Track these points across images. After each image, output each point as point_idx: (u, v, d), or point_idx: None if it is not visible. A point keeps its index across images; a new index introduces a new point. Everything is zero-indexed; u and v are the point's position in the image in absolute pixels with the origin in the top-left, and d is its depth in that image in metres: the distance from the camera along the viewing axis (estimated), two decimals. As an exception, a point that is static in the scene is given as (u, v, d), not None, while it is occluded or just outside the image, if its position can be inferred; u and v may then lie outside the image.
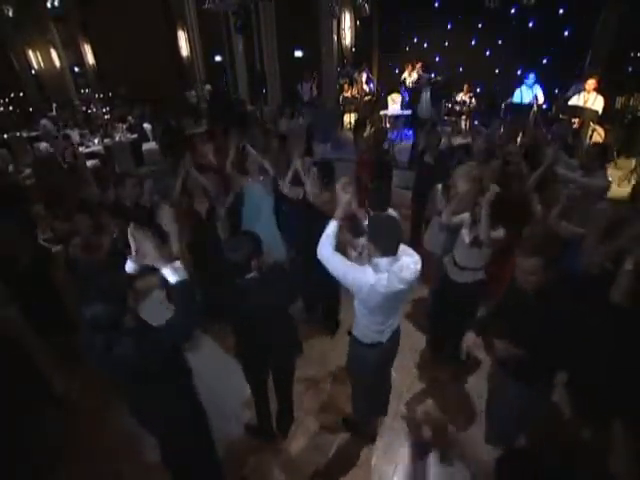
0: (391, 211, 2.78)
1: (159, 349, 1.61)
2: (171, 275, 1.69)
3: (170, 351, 1.69)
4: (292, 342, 2.44)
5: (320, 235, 2.00)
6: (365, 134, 5.14)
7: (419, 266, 1.95)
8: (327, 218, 2.05)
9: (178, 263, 1.72)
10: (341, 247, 2.13)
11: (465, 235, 2.62)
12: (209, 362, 2.59)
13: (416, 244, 4.58)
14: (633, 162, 5.79)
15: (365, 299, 1.94)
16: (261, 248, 2.02)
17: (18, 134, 8.17)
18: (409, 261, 1.92)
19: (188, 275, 1.72)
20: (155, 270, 1.77)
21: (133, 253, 1.86)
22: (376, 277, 1.83)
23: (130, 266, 1.86)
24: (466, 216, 2.67)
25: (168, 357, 1.69)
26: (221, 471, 2.22)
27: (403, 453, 2.53)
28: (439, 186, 3.42)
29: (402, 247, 1.95)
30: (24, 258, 2.94)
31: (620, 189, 5.40)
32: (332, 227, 1.98)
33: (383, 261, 1.85)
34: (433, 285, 3.38)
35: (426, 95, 7.46)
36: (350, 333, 2.23)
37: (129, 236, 1.86)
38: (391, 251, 1.86)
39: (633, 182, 5.41)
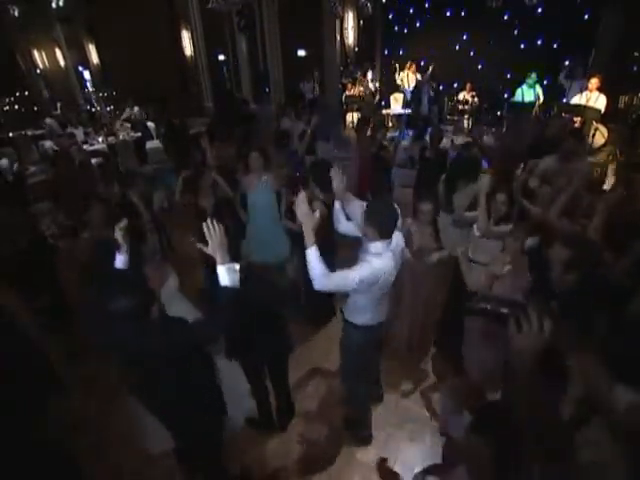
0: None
1: (186, 341, 1.59)
2: (225, 276, 1.58)
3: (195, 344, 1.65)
4: (280, 339, 2.39)
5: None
6: (367, 133, 5.16)
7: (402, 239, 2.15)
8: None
9: (237, 266, 1.61)
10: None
11: (476, 230, 2.79)
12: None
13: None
14: (636, 161, 5.76)
15: (380, 286, 1.98)
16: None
17: (23, 133, 8.26)
18: (399, 237, 2.07)
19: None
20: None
21: (122, 248, 1.92)
22: (383, 262, 1.92)
23: (120, 260, 1.92)
24: (476, 213, 2.83)
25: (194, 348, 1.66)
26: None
27: (402, 447, 2.55)
28: (442, 178, 3.44)
29: None
30: (20, 243, 2.95)
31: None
32: (314, 256, 1.78)
33: (382, 244, 1.93)
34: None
35: (426, 95, 7.53)
36: (348, 322, 2.22)
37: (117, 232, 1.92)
38: (390, 234, 1.95)
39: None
